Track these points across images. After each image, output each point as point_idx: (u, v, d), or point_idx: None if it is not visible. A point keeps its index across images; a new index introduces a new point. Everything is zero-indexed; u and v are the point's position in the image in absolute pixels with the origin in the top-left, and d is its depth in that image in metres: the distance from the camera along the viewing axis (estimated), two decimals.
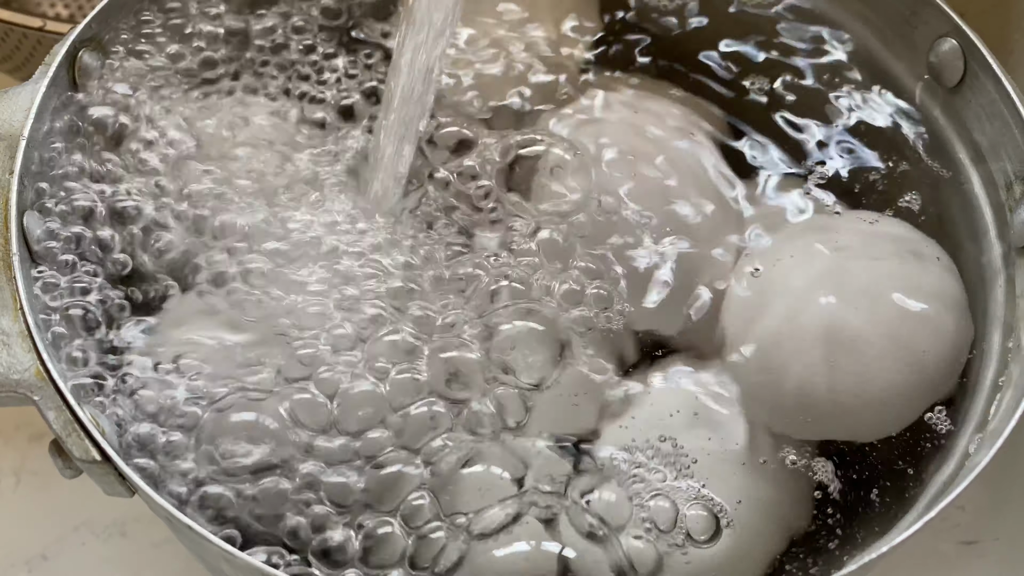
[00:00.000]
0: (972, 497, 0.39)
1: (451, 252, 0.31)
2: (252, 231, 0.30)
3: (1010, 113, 0.29)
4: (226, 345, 0.27)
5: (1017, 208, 0.29)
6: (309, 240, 0.30)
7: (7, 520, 0.39)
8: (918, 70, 0.32)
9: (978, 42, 0.30)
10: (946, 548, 0.39)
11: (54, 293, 0.27)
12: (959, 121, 0.31)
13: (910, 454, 0.29)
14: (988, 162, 0.30)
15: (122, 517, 0.39)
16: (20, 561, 0.39)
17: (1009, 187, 0.29)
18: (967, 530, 0.39)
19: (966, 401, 0.28)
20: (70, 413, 0.24)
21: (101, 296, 0.28)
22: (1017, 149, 0.29)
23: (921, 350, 0.27)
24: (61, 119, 0.30)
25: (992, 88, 0.30)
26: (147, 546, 0.39)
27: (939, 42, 0.31)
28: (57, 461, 0.24)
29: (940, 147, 0.32)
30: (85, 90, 0.30)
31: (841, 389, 0.27)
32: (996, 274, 0.29)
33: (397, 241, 0.31)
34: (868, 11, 0.33)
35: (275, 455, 0.26)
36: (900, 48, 0.33)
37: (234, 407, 0.26)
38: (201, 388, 0.26)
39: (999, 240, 0.29)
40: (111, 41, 0.31)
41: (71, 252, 0.28)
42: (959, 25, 0.30)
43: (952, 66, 0.31)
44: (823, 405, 0.28)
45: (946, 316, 0.28)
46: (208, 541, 0.22)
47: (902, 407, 0.28)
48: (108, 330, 0.28)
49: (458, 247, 0.31)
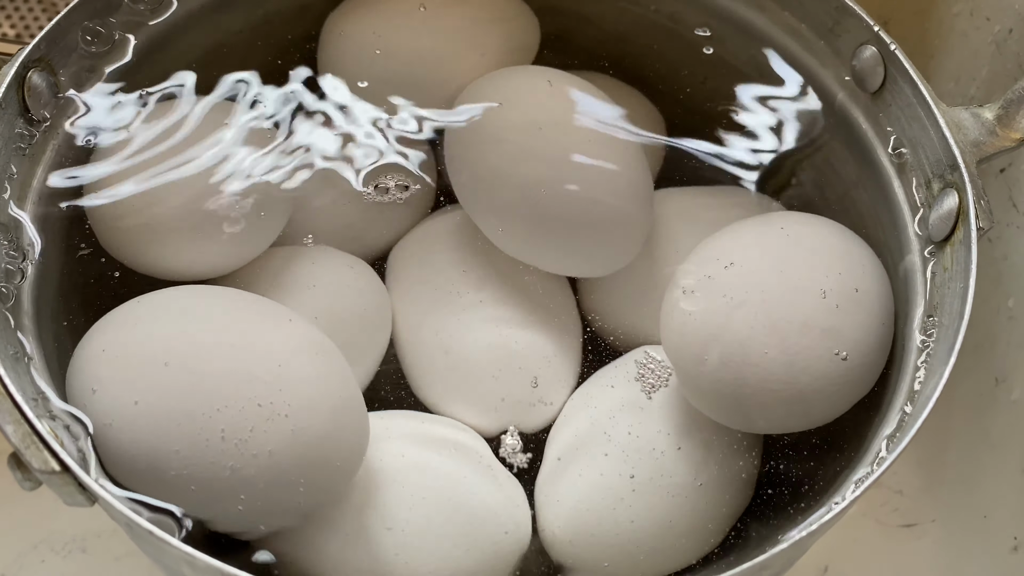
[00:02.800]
0: (909, 481, 0.41)
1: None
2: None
3: (926, 115, 0.31)
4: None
5: (935, 204, 0.31)
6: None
7: None
8: (842, 76, 0.34)
9: (896, 49, 0.31)
10: (886, 531, 0.41)
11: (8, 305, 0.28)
12: (880, 124, 0.33)
13: (838, 439, 0.30)
14: (908, 163, 0.32)
15: (82, 533, 0.39)
16: None
17: (928, 185, 0.31)
18: (906, 514, 0.41)
19: (891, 388, 0.29)
20: (28, 426, 0.25)
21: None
22: (933, 149, 0.31)
23: (852, 341, 0.29)
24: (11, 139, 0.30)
25: (910, 92, 0.31)
26: (109, 560, 0.39)
27: (860, 49, 0.33)
28: (16, 474, 0.25)
29: (863, 149, 0.33)
30: (35, 111, 0.31)
31: (775, 380, 0.29)
32: (916, 267, 0.31)
33: None
34: (794, 20, 0.35)
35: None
36: (824, 55, 0.34)
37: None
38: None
39: (918, 235, 0.31)
40: (60, 62, 0.32)
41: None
42: (878, 33, 0.32)
43: (873, 72, 0.32)
44: (756, 395, 0.29)
45: (874, 308, 0.30)
46: (169, 545, 0.23)
47: (833, 398, 0.29)
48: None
49: None
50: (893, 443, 0.27)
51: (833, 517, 0.24)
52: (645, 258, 0.35)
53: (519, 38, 0.37)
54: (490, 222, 0.34)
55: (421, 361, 0.34)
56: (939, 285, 0.29)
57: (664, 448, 0.31)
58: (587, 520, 0.31)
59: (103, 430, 0.26)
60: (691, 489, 0.30)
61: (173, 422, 0.26)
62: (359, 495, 0.29)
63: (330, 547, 0.29)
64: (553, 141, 0.33)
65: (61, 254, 0.31)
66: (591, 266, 0.35)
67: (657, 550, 0.30)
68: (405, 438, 0.32)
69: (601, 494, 0.31)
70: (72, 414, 0.26)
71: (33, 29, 0.51)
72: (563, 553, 0.31)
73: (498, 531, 0.30)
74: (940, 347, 0.28)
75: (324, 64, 0.37)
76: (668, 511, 0.30)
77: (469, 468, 0.31)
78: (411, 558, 0.29)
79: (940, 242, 0.30)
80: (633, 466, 0.31)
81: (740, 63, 0.37)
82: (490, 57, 0.36)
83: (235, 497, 0.26)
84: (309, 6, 0.37)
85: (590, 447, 0.32)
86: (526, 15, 0.38)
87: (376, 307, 0.35)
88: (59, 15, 0.31)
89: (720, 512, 0.31)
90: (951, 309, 0.28)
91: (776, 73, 0.36)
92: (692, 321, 0.30)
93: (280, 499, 0.27)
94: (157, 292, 0.29)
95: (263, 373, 0.27)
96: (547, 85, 0.34)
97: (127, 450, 0.26)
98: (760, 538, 0.30)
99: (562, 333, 0.35)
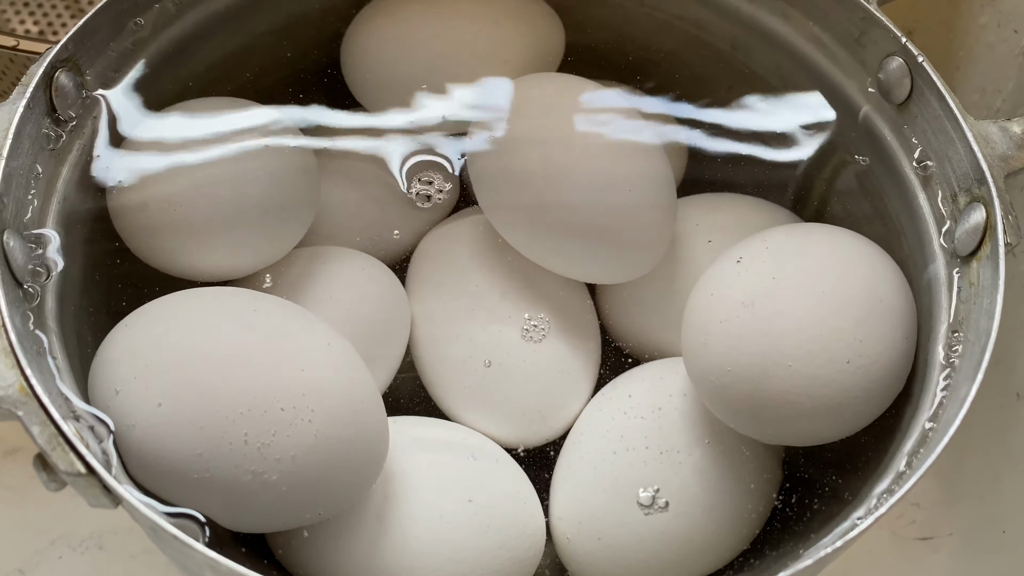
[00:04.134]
0: (927, 494, 0.40)
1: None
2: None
3: (953, 128, 0.30)
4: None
5: (961, 218, 0.30)
6: None
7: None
8: (866, 87, 0.34)
9: (924, 61, 0.31)
10: (902, 544, 0.40)
11: (32, 305, 0.28)
12: (905, 136, 0.32)
13: (858, 452, 0.30)
14: (934, 175, 0.32)
15: (99, 530, 0.39)
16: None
17: (954, 198, 0.31)
18: (923, 526, 0.41)
19: (912, 403, 0.29)
20: (54, 427, 0.25)
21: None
22: (960, 162, 0.30)
23: (874, 354, 0.29)
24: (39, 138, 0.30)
25: (937, 104, 0.31)
26: (125, 558, 0.39)
27: (887, 61, 0.32)
28: (42, 475, 0.25)
29: (887, 161, 0.33)
30: (62, 110, 0.31)
31: (797, 392, 0.28)
32: (941, 281, 0.30)
33: None
34: (819, 30, 0.34)
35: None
36: (849, 66, 0.34)
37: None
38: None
39: (943, 249, 0.31)
40: (87, 61, 0.32)
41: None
42: (906, 45, 0.32)
43: (899, 83, 0.32)
44: (778, 407, 0.29)
45: (897, 322, 0.29)
46: (193, 549, 0.23)
47: (854, 411, 0.29)
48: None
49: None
50: (917, 459, 0.27)
51: (859, 533, 0.24)
52: (666, 265, 0.35)
53: (544, 45, 0.37)
54: (510, 227, 0.34)
55: (438, 366, 0.34)
56: (964, 300, 0.29)
57: (682, 459, 0.31)
58: (602, 530, 0.31)
59: (126, 431, 0.26)
60: (709, 501, 0.30)
61: (196, 425, 0.26)
62: (377, 502, 0.29)
63: (349, 554, 0.29)
64: (575, 148, 0.33)
65: (85, 254, 0.31)
66: (612, 272, 0.35)
67: (674, 562, 0.30)
68: (423, 444, 0.32)
69: (617, 504, 0.30)
70: (95, 415, 0.26)
71: (56, 26, 0.51)
72: (578, 563, 0.31)
73: (514, 539, 0.30)
74: (965, 363, 0.28)
75: (347, 67, 0.37)
76: (686, 523, 0.30)
77: (486, 475, 0.31)
78: (429, 565, 0.29)
79: (966, 257, 0.30)
80: (650, 476, 0.30)
81: (764, 72, 0.37)
82: (514, 63, 0.36)
83: (256, 501, 0.26)
84: (333, 8, 0.37)
85: (607, 456, 0.31)
86: (552, 22, 0.38)
87: (395, 311, 0.35)
88: (87, 15, 0.31)
89: (739, 525, 0.31)
90: (977, 325, 0.28)
91: (799, 83, 0.36)
92: (714, 331, 0.30)
93: (301, 503, 0.27)
94: (181, 293, 0.29)
95: (286, 377, 0.27)
96: (569, 92, 0.34)
97: (149, 452, 0.26)
98: (779, 553, 0.30)
99: (581, 339, 0.35)
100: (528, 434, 0.34)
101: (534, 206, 0.33)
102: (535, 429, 0.34)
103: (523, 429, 0.34)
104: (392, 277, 0.35)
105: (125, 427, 0.26)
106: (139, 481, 0.26)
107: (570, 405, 0.34)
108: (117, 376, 0.27)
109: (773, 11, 0.35)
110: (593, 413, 0.33)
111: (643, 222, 0.33)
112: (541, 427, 0.34)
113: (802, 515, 0.31)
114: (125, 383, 0.27)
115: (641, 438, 0.31)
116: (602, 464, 0.31)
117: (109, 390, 0.27)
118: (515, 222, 0.34)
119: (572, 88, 0.34)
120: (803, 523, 0.31)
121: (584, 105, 0.34)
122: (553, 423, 0.34)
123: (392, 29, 0.36)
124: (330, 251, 0.35)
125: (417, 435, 0.32)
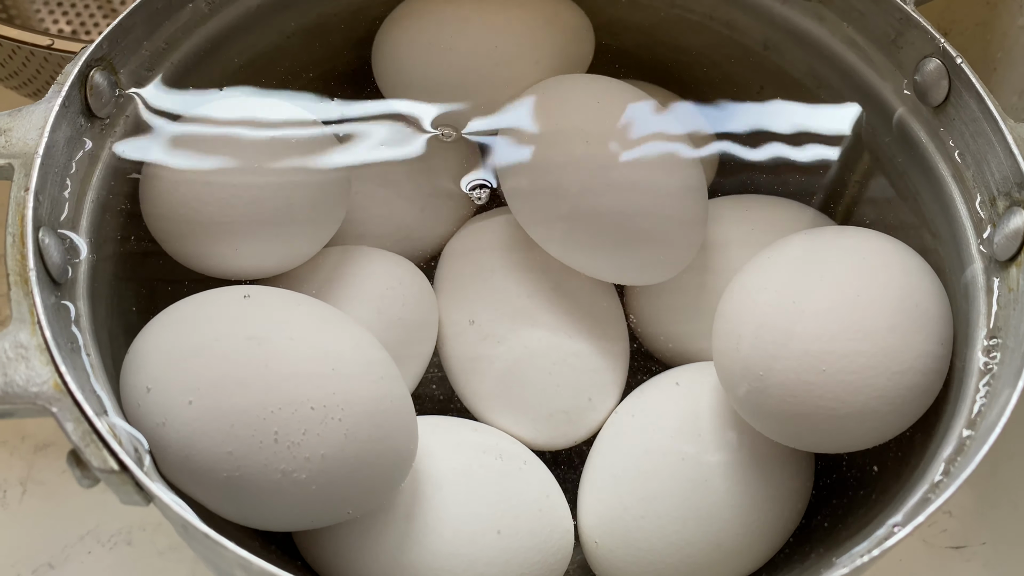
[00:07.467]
0: (960, 502, 0.40)
1: None
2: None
3: (992, 131, 0.30)
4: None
5: (1000, 223, 0.30)
6: None
7: (14, 529, 0.40)
8: (901, 89, 0.33)
9: (962, 63, 0.31)
10: (934, 552, 0.40)
11: (66, 302, 0.28)
12: (942, 139, 0.32)
13: (892, 460, 0.30)
14: (971, 179, 0.31)
15: (128, 526, 0.40)
16: (27, 570, 0.39)
17: (993, 202, 0.30)
18: (955, 535, 0.40)
19: (948, 410, 0.29)
20: (88, 424, 0.25)
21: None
22: (1000, 166, 0.30)
23: (910, 360, 0.28)
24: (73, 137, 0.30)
25: (975, 107, 0.30)
26: (153, 554, 0.39)
27: (924, 62, 0.32)
28: (75, 471, 0.25)
29: (923, 164, 0.33)
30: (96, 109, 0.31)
31: (831, 397, 0.28)
32: (979, 286, 0.30)
33: None
34: (853, 32, 0.34)
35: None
36: (884, 68, 0.34)
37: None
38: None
39: (981, 253, 0.30)
40: (121, 61, 0.32)
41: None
42: (943, 46, 0.31)
43: (937, 86, 0.32)
44: (811, 414, 0.28)
45: (933, 327, 0.29)
46: (225, 548, 0.23)
47: (888, 418, 0.29)
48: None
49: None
50: (955, 467, 0.26)
51: (896, 542, 0.24)
52: (696, 268, 0.34)
53: (574, 46, 0.37)
54: (539, 228, 0.34)
55: (466, 365, 0.34)
56: (1004, 306, 0.29)
57: (712, 463, 0.30)
58: (631, 534, 0.30)
59: (157, 429, 0.26)
60: (740, 506, 0.30)
61: (227, 423, 0.26)
62: (406, 501, 0.29)
63: (377, 553, 0.29)
64: (605, 149, 0.33)
65: (117, 252, 0.31)
66: (643, 274, 0.34)
67: (704, 568, 0.30)
68: (452, 445, 0.32)
69: (646, 508, 0.30)
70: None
71: (88, 26, 0.52)
72: (606, 567, 0.31)
73: (543, 543, 0.30)
74: (1005, 370, 0.27)
75: (379, 67, 0.37)
76: (716, 528, 0.30)
77: (515, 477, 0.31)
78: (457, 567, 0.29)
79: (1005, 261, 0.29)
80: (680, 481, 0.30)
81: (797, 73, 0.36)
82: (544, 65, 0.36)
83: (285, 499, 0.26)
84: (364, 8, 0.37)
85: (635, 459, 0.31)
86: (582, 24, 0.37)
87: (424, 311, 0.35)
88: (121, 14, 0.31)
89: (769, 531, 0.30)
90: (1017, 331, 0.28)
91: (833, 84, 0.35)
92: (745, 335, 0.29)
93: (330, 502, 0.27)
94: (212, 291, 0.29)
95: (317, 376, 0.27)
96: (600, 93, 0.34)
97: (180, 450, 0.26)
98: (811, 560, 0.29)
99: (609, 342, 0.34)
100: (556, 436, 0.33)
101: (563, 209, 0.33)
102: (563, 431, 0.33)
103: (551, 431, 0.33)
104: (421, 277, 0.35)
105: (156, 424, 0.26)
106: (169, 478, 0.27)
107: (598, 407, 0.34)
108: (148, 374, 0.27)
109: (807, 12, 0.35)
110: (621, 416, 0.33)
111: (675, 224, 0.33)
112: (569, 429, 0.34)
113: (835, 523, 0.31)
114: (156, 381, 0.27)
115: (670, 442, 0.31)
116: (631, 467, 0.31)
117: (140, 388, 0.27)
118: (544, 224, 0.34)
119: (604, 89, 0.34)
120: (835, 531, 0.30)
121: (617, 107, 0.34)
122: (581, 425, 0.34)
123: (423, 30, 0.36)
124: (360, 250, 0.35)
125: (446, 435, 0.32)
